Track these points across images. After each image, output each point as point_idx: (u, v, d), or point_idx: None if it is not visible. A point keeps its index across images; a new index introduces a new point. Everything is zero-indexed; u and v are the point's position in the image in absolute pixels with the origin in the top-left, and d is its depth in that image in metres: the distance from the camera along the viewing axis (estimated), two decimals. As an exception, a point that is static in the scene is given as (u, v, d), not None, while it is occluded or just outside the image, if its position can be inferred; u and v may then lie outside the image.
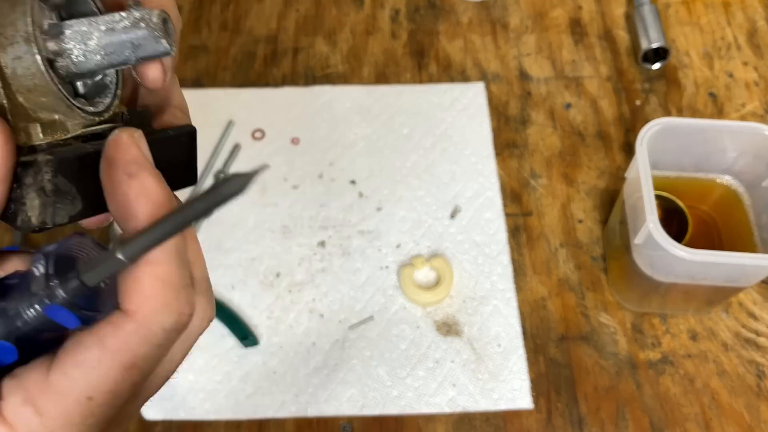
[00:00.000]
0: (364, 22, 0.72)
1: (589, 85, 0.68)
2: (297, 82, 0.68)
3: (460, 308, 0.55)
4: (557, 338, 0.54)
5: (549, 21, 0.72)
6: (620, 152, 0.64)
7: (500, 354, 0.53)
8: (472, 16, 0.73)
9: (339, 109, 0.66)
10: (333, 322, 0.55)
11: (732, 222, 0.55)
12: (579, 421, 0.51)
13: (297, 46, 0.70)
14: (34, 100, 0.24)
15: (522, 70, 0.69)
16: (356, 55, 0.70)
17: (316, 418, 0.51)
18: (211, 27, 0.72)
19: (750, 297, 0.56)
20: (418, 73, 0.68)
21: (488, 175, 0.62)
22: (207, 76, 0.68)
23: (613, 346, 0.54)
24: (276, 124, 0.65)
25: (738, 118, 0.66)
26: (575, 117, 0.66)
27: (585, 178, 0.62)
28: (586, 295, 0.56)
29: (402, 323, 0.54)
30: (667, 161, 0.55)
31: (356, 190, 0.61)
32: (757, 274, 0.49)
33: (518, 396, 0.52)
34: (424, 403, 0.51)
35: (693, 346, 0.54)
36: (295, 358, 0.53)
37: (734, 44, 0.71)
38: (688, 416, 0.51)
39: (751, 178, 0.54)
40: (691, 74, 0.69)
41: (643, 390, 0.52)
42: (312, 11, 0.73)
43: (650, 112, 0.66)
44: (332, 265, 0.57)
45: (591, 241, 0.59)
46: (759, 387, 0.53)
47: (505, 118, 0.66)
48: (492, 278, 0.57)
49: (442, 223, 0.59)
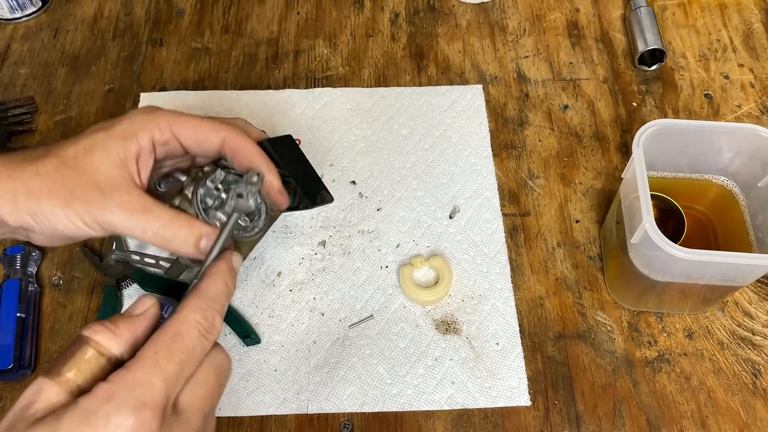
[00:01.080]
0: (364, 24, 0.73)
1: (586, 86, 0.69)
2: (298, 84, 0.68)
3: (459, 307, 0.56)
4: (554, 336, 0.55)
5: (547, 24, 0.73)
6: (617, 153, 0.65)
7: (498, 352, 0.54)
8: (471, 18, 0.73)
9: (339, 111, 0.66)
10: (333, 320, 0.55)
11: (727, 222, 0.56)
12: (576, 418, 0.52)
13: (298, 49, 0.71)
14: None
15: (520, 72, 0.70)
16: (356, 58, 0.70)
17: (317, 415, 0.51)
18: (213, 30, 0.72)
19: (745, 296, 0.57)
20: (418, 76, 0.69)
21: (486, 176, 0.62)
22: (209, 78, 0.69)
23: (609, 344, 0.55)
24: (277, 126, 0.65)
25: (734, 119, 0.67)
26: (572, 118, 0.67)
27: (582, 178, 0.63)
28: (583, 294, 0.57)
29: (401, 322, 0.55)
30: (664, 162, 0.56)
31: (356, 191, 0.62)
32: (753, 274, 0.49)
33: (516, 393, 0.52)
34: (424, 400, 0.52)
35: (689, 345, 0.55)
36: (296, 356, 0.54)
37: (730, 46, 0.71)
38: (684, 414, 0.52)
39: (747, 178, 0.55)
40: (687, 76, 0.69)
41: (640, 388, 0.53)
42: (313, 14, 0.74)
43: (647, 113, 0.67)
44: (333, 264, 0.58)
45: (588, 240, 0.60)
46: (754, 385, 0.53)
47: (503, 120, 0.66)
48: (490, 277, 0.57)
49: (441, 223, 0.60)
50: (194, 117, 0.44)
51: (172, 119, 0.43)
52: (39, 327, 0.55)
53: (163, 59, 0.70)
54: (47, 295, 0.56)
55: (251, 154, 0.44)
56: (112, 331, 0.33)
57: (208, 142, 0.43)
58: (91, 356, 0.32)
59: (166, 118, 0.42)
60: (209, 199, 0.44)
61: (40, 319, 0.55)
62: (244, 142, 0.44)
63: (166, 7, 0.74)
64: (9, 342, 0.52)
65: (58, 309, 0.56)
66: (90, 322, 0.54)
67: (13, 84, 0.68)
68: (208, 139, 0.43)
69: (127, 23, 0.73)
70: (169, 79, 0.69)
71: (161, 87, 0.68)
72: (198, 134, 0.43)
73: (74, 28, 0.72)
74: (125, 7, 0.74)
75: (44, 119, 0.66)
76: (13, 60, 0.70)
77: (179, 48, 0.71)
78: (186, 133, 0.43)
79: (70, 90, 0.68)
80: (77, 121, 0.66)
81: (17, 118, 0.65)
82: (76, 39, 0.72)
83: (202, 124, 0.43)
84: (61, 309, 0.56)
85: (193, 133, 0.43)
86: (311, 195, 0.50)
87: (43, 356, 0.53)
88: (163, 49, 0.71)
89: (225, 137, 0.44)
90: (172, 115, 0.43)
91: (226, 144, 0.44)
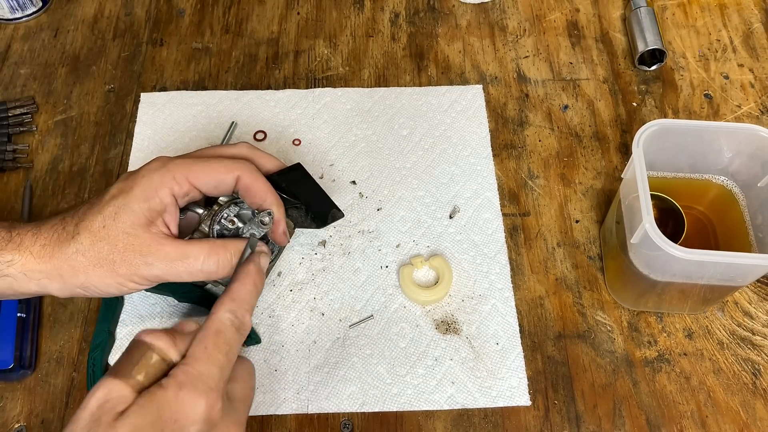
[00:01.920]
0: (364, 25, 0.73)
1: (586, 87, 0.69)
2: (298, 84, 0.68)
3: (459, 307, 0.56)
4: (554, 336, 0.55)
5: (547, 24, 0.73)
6: (617, 153, 0.65)
7: (498, 352, 0.54)
8: (471, 19, 0.73)
9: (339, 111, 0.66)
10: (333, 320, 0.55)
11: (727, 222, 0.56)
12: (576, 418, 0.52)
13: (298, 49, 0.71)
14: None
15: (520, 72, 0.70)
16: (356, 58, 0.70)
17: (317, 415, 0.52)
18: (214, 30, 0.72)
19: (745, 296, 0.57)
20: (418, 76, 0.69)
21: (486, 176, 0.63)
22: (209, 78, 0.69)
23: (609, 344, 0.55)
24: (277, 126, 0.65)
25: (733, 119, 0.67)
26: (572, 118, 0.67)
27: (582, 178, 0.63)
28: (583, 294, 0.57)
29: (402, 322, 0.55)
30: (663, 162, 0.56)
31: (356, 191, 0.62)
32: (753, 274, 0.49)
33: (516, 393, 0.52)
34: (424, 400, 0.52)
35: (689, 345, 0.55)
36: (297, 356, 0.54)
37: (730, 46, 0.72)
38: (684, 414, 0.52)
39: (747, 178, 0.55)
40: (687, 76, 0.69)
41: (640, 388, 0.53)
42: (313, 14, 0.74)
43: (646, 113, 0.67)
44: (333, 264, 0.58)
45: (588, 240, 0.60)
46: (754, 385, 0.53)
47: (503, 120, 0.66)
48: (490, 277, 0.57)
49: (441, 223, 0.60)
50: (206, 161, 0.46)
51: (187, 169, 0.45)
52: (39, 327, 0.55)
53: (163, 59, 0.70)
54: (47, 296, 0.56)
55: (263, 192, 0.48)
56: (172, 342, 0.38)
57: (224, 184, 0.47)
58: (155, 361, 0.37)
59: (181, 170, 0.45)
60: (225, 231, 0.49)
61: (40, 319, 0.55)
62: (256, 180, 0.47)
63: (167, 7, 0.74)
64: (9, 342, 0.52)
65: (58, 309, 0.56)
66: (90, 322, 0.55)
67: (13, 84, 0.68)
68: (224, 182, 0.47)
69: (127, 23, 0.73)
70: (170, 79, 0.69)
71: (161, 87, 0.68)
72: (214, 179, 0.46)
73: (74, 28, 0.72)
74: (125, 7, 0.74)
75: (44, 119, 0.66)
76: (14, 60, 0.70)
77: (179, 48, 0.71)
78: (203, 181, 0.46)
79: (71, 90, 0.68)
80: (77, 121, 0.66)
81: (17, 118, 0.65)
82: (76, 39, 0.72)
83: (216, 168, 0.46)
84: (61, 309, 0.56)
85: (209, 179, 0.46)
86: (323, 216, 0.55)
87: (43, 356, 0.53)
88: (164, 49, 0.71)
89: (239, 176, 0.47)
90: (186, 165, 0.46)
91: (240, 183, 0.47)
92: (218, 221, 0.49)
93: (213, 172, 0.46)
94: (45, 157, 0.64)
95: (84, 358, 0.53)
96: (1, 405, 0.52)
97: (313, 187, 0.53)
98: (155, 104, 0.67)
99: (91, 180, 0.62)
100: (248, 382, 0.42)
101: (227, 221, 0.49)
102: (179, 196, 0.46)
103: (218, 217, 0.49)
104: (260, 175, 0.48)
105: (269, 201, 0.48)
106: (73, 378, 0.53)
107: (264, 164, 0.50)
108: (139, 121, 0.66)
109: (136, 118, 0.66)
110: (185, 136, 0.65)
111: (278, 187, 0.50)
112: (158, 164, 0.46)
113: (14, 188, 0.62)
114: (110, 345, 0.53)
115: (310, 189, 0.53)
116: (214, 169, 0.46)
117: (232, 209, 0.50)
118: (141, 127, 0.65)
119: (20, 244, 0.43)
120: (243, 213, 0.50)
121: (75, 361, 0.53)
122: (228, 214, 0.49)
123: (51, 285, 0.44)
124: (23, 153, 0.63)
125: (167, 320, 0.55)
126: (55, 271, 0.43)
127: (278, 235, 0.50)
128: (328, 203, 0.54)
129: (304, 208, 0.53)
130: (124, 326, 0.54)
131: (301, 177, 0.52)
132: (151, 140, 0.64)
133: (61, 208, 0.61)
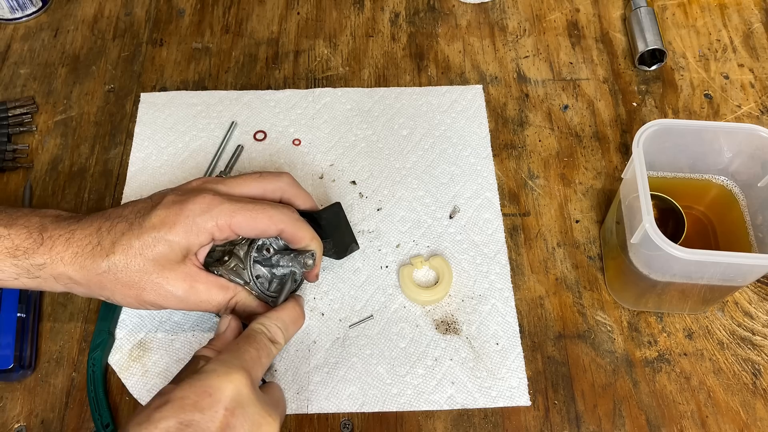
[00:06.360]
0: (364, 25, 0.73)
1: (586, 87, 0.69)
2: (298, 84, 0.68)
3: (459, 307, 0.56)
4: (554, 336, 0.55)
5: (547, 24, 0.73)
6: (617, 153, 0.65)
7: (498, 352, 0.54)
8: (471, 19, 0.73)
9: (339, 111, 0.66)
10: (333, 320, 0.55)
11: (727, 222, 0.56)
12: (576, 418, 0.52)
13: (298, 49, 0.71)
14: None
15: (520, 72, 0.70)
16: (356, 58, 0.70)
17: (317, 414, 0.52)
18: (214, 30, 0.72)
19: (745, 296, 0.57)
20: (418, 76, 0.69)
21: (486, 176, 0.63)
22: (210, 78, 0.69)
23: (609, 344, 0.55)
24: (277, 126, 0.65)
25: (733, 119, 0.67)
26: (572, 118, 0.67)
27: (582, 178, 0.63)
28: (583, 294, 0.57)
29: (401, 322, 0.55)
30: (663, 162, 0.56)
31: (356, 191, 0.62)
32: (753, 274, 0.49)
33: (516, 393, 0.52)
34: (424, 400, 0.52)
35: (689, 345, 0.55)
36: (296, 356, 0.54)
37: (730, 46, 0.72)
38: (684, 414, 0.52)
39: (747, 178, 0.55)
40: (687, 76, 0.69)
41: (640, 388, 0.53)
42: (313, 14, 0.74)
43: (647, 113, 0.67)
44: (333, 264, 0.58)
45: (588, 240, 0.60)
46: (754, 385, 0.53)
47: (503, 120, 0.66)
48: (490, 277, 0.57)
49: (441, 223, 0.60)
50: (251, 210, 0.47)
51: (230, 217, 0.46)
52: (39, 327, 0.55)
53: (163, 59, 0.70)
54: (47, 295, 0.56)
55: (307, 239, 0.50)
56: (216, 351, 0.45)
57: (266, 233, 0.48)
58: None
59: (225, 217, 0.46)
60: (262, 259, 0.50)
61: (40, 319, 0.55)
62: (299, 230, 0.49)
63: (167, 7, 0.74)
64: (9, 342, 0.52)
65: (58, 309, 0.56)
66: (90, 322, 0.55)
67: (13, 84, 0.68)
68: (266, 232, 0.48)
69: (127, 23, 0.73)
70: (170, 79, 0.69)
71: (161, 87, 0.68)
72: (256, 229, 0.47)
73: (74, 28, 0.72)
74: (125, 7, 0.74)
75: (44, 119, 0.66)
76: (14, 60, 0.70)
77: (179, 48, 0.71)
78: (245, 230, 0.47)
79: (71, 90, 0.68)
80: (77, 121, 0.66)
81: (17, 118, 0.65)
82: (76, 39, 0.72)
83: (259, 217, 0.47)
84: (61, 309, 0.56)
85: (251, 228, 0.47)
86: (343, 249, 0.56)
87: (43, 356, 0.53)
88: (164, 49, 0.71)
89: (282, 229, 0.48)
90: (230, 213, 0.46)
91: (283, 234, 0.49)
92: (255, 248, 0.50)
93: (256, 223, 0.47)
94: (45, 157, 0.64)
95: (84, 358, 0.53)
96: (1, 405, 0.52)
97: (342, 223, 0.55)
98: (155, 104, 0.67)
99: (91, 180, 0.62)
100: (281, 396, 0.46)
101: (264, 249, 0.50)
102: (218, 240, 0.47)
103: (255, 245, 0.50)
104: (303, 224, 0.49)
105: (312, 246, 0.50)
106: (72, 378, 0.53)
107: (300, 204, 0.52)
108: (139, 121, 0.66)
109: (136, 118, 0.66)
110: (185, 136, 0.65)
111: (312, 220, 0.52)
112: (204, 206, 0.46)
113: (14, 188, 0.62)
114: (110, 345, 0.53)
115: (339, 225, 0.54)
116: (257, 220, 0.47)
117: (274, 245, 0.51)
118: (141, 127, 0.65)
119: (52, 248, 0.44)
120: (279, 243, 0.51)
121: (75, 361, 0.53)
122: (265, 243, 0.50)
123: (77, 289, 0.46)
124: (23, 153, 0.64)
125: (167, 320, 0.55)
126: (83, 280, 0.45)
127: (312, 275, 0.53)
128: (351, 237, 0.56)
129: (331, 243, 0.54)
130: (124, 326, 0.54)
131: (335, 214, 0.54)
132: (151, 140, 0.64)
133: (61, 208, 0.60)
